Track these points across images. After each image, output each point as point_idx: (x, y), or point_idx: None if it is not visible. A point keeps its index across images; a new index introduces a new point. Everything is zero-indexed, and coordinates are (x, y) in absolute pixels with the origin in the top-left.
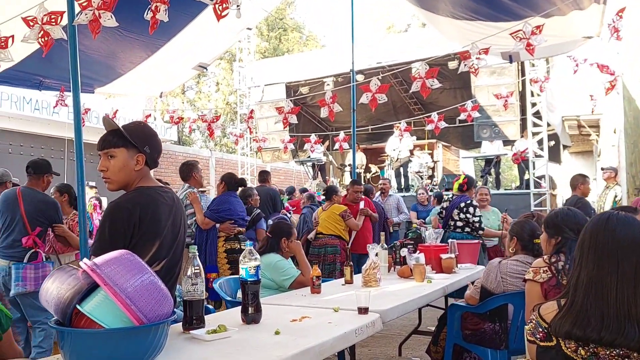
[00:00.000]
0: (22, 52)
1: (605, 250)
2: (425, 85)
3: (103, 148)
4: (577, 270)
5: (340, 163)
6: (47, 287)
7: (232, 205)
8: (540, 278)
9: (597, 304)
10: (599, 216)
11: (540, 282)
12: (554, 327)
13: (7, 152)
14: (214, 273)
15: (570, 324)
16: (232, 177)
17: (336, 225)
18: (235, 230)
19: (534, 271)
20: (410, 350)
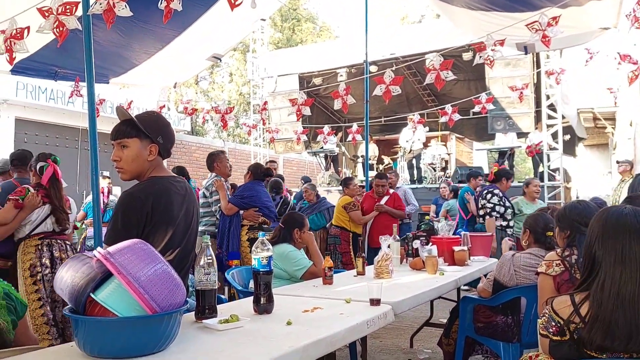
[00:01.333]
0: (38, 43)
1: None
2: (439, 77)
3: (116, 138)
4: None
5: (353, 154)
6: (61, 276)
7: (256, 193)
8: (552, 271)
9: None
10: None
11: (552, 275)
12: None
13: (22, 142)
14: (236, 260)
15: (601, 337)
16: (259, 167)
17: (339, 216)
18: (260, 219)
19: (546, 264)
20: (422, 342)
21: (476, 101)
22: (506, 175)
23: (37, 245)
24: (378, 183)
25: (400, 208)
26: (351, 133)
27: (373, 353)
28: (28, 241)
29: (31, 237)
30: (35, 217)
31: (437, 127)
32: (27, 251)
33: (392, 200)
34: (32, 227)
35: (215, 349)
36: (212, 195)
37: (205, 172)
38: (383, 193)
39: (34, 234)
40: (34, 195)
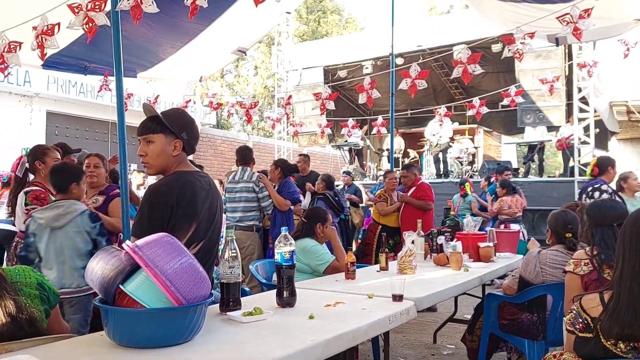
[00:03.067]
0: (68, 38)
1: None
2: (467, 71)
3: (142, 134)
4: (619, 266)
5: (378, 148)
6: (92, 267)
7: (297, 189)
8: (580, 270)
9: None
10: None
11: (580, 274)
12: (604, 330)
13: (53, 134)
14: None
15: (620, 326)
16: (287, 163)
17: (373, 208)
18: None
19: (574, 263)
20: (445, 338)
21: (505, 94)
22: (610, 163)
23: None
24: (402, 174)
25: (424, 199)
26: (376, 126)
27: (396, 348)
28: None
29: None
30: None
31: (465, 120)
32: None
33: (417, 191)
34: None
35: (239, 340)
36: (262, 191)
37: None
38: (409, 184)
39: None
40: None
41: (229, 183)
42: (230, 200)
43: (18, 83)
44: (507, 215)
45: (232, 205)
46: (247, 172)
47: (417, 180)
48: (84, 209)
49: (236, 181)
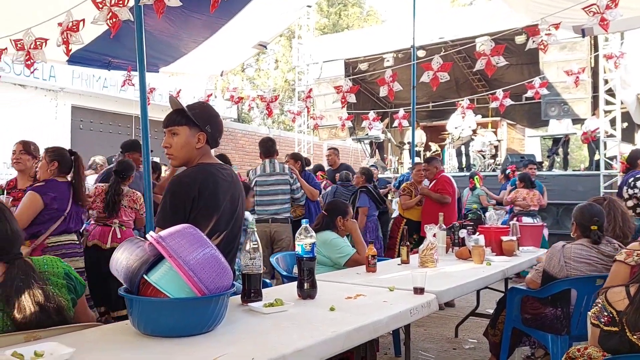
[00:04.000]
0: (92, 34)
1: None
2: (490, 63)
3: (167, 126)
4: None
5: (399, 141)
6: (117, 258)
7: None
8: (632, 260)
9: None
10: None
11: (631, 264)
12: (630, 324)
13: (78, 128)
14: None
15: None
16: (302, 156)
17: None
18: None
19: (627, 253)
20: (467, 332)
21: (529, 86)
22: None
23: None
24: (423, 167)
25: (441, 192)
26: (397, 119)
27: (417, 341)
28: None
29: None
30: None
31: (488, 113)
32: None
33: (436, 184)
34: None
35: (260, 331)
36: (295, 182)
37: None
38: (431, 177)
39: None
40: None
41: (260, 177)
42: (262, 193)
43: (44, 78)
44: (520, 207)
45: (266, 199)
46: (277, 164)
47: (438, 173)
48: None
49: (268, 174)
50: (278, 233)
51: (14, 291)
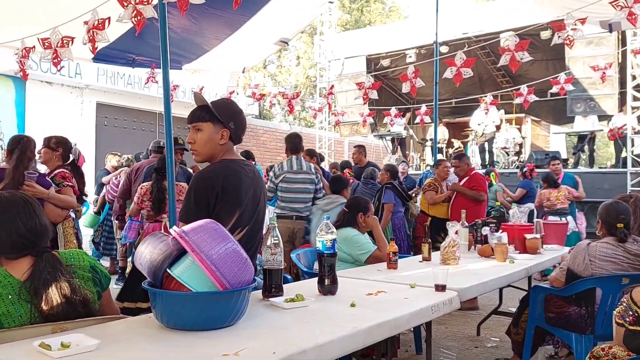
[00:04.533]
0: (117, 32)
1: None
2: (514, 59)
3: (192, 122)
4: None
5: (422, 137)
6: (141, 252)
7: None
8: None
9: None
10: None
11: None
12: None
13: (103, 125)
14: None
15: None
16: (316, 152)
17: (422, 199)
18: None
19: None
20: (490, 331)
21: (554, 82)
22: None
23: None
24: (453, 164)
25: (477, 189)
26: (419, 115)
27: (438, 339)
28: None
29: (67, 218)
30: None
31: (512, 109)
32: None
33: (469, 181)
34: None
35: (281, 325)
36: (319, 182)
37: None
38: (461, 174)
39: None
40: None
41: (288, 173)
42: (287, 190)
43: (70, 75)
44: (547, 208)
45: (291, 196)
46: (303, 162)
47: (470, 170)
48: None
49: (295, 171)
50: (301, 231)
51: (42, 284)
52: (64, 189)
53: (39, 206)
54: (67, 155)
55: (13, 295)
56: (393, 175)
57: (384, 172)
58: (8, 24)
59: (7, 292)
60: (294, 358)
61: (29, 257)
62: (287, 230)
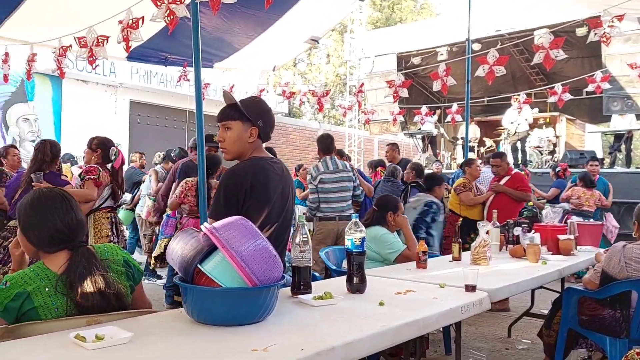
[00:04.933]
0: (150, 31)
1: None
2: (549, 57)
3: (221, 120)
4: None
5: (452, 136)
6: (172, 247)
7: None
8: None
9: None
10: None
11: None
12: None
13: (136, 122)
14: None
15: None
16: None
17: (452, 199)
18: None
19: None
20: (521, 333)
21: (590, 80)
22: None
23: (108, 217)
24: (492, 163)
25: (523, 189)
26: (450, 113)
27: (468, 340)
28: (98, 213)
29: (100, 210)
30: (105, 193)
31: (546, 107)
32: (101, 222)
33: (512, 180)
34: (101, 201)
35: (309, 322)
36: (356, 179)
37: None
38: (501, 173)
39: (103, 207)
40: (105, 173)
41: (324, 174)
42: (328, 191)
43: (104, 74)
44: (573, 206)
45: (332, 196)
46: (338, 161)
47: (510, 170)
48: None
49: (332, 171)
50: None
51: (77, 277)
52: (86, 182)
53: (76, 202)
54: (107, 155)
55: (50, 287)
56: (418, 174)
57: (409, 171)
58: (47, 24)
59: (44, 284)
60: (322, 355)
61: (65, 251)
62: (332, 231)
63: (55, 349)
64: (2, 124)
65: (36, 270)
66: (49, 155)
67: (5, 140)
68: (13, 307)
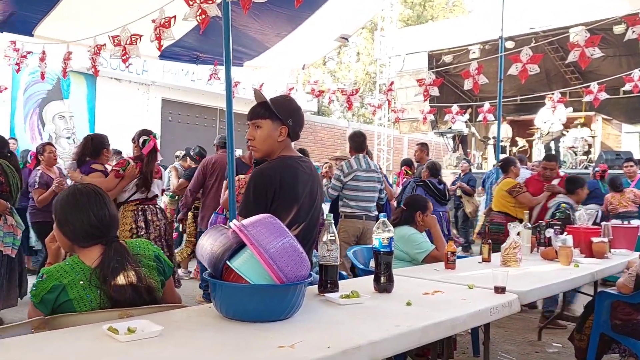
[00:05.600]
0: (182, 30)
1: None
2: (584, 55)
3: (251, 118)
4: None
5: (484, 135)
6: (202, 244)
7: None
8: None
9: None
10: None
11: None
12: None
13: (167, 120)
14: None
15: None
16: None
17: (502, 200)
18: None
19: None
20: (551, 336)
21: (627, 79)
22: None
23: (134, 210)
24: (546, 166)
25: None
26: (482, 112)
27: (497, 342)
28: (126, 206)
29: (129, 203)
30: (132, 186)
31: (581, 107)
32: (126, 215)
33: (563, 183)
34: (129, 194)
35: (336, 321)
36: (382, 181)
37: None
38: (552, 177)
39: (131, 200)
40: (134, 167)
41: (359, 171)
42: (358, 189)
43: (137, 72)
44: (611, 212)
45: (361, 194)
46: (370, 161)
47: (558, 172)
48: None
49: (365, 169)
50: (368, 231)
51: (110, 271)
52: (110, 173)
53: (109, 197)
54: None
55: (84, 281)
56: (433, 173)
57: (424, 170)
58: (82, 23)
59: (79, 278)
60: (348, 353)
61: (99, 246)
62: (357, 230)
63: (89, 340)
64: (39, 121)
65: (71, 264)
66: (89, 148)
67: (42, 137)
68: (49, 299)
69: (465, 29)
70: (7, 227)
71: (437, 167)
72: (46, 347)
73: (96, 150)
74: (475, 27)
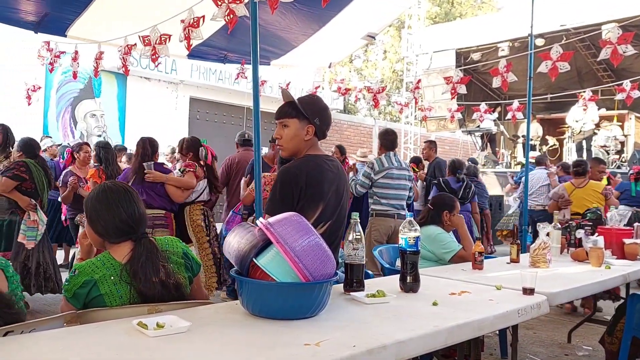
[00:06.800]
0: (210, 29)
1: None
2: (616, 52)
3: (279, 117)
4: None
5: (513, 134)
6: (229, 241)
7: None
8: None
9: None
10: None
11: None
12: None
13: (195, 118)
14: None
15: None
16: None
17: (596, 204)
18: None
19: None
20: (581, 339)
21: None
22: None
23: (201, 209)
24: (604, 169)
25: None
26: (511, 111)
27: (525, 344)
28: (194, 206)
29: (196, 203)
30: (199, 188)
31: (613, 105)
32: (195, 213)
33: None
34: (196, 195)
35: (361, 320)
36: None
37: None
38: (601, 179)
39: (198, 201)
40: (201, 170)
41: (390, 169)
42: (389, 187)
43: (166, 71)
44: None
45: (393, 193)
46: (401, 160)
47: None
48: None
49: (396, 167)
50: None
51: (140, 267)
52: (186, 174)
53: (138, 195)
54: (197, 156)
55: (115, 276)
56: (453, 171)
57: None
58: (113, 24)
59: (110, 273)
60: (374, 353)
61: (129, 242)
62: (388, 229)
63: (119, 335)
64: (71, 119)
65: (102, 259)
66: (149, 150)
67: (74, 135)
68: (81, 294)
69: (494, 26)
70: (30, 222)
71: (456, 166)
72: (78, 341)
73: (154, 151)
74: (504, 24)
